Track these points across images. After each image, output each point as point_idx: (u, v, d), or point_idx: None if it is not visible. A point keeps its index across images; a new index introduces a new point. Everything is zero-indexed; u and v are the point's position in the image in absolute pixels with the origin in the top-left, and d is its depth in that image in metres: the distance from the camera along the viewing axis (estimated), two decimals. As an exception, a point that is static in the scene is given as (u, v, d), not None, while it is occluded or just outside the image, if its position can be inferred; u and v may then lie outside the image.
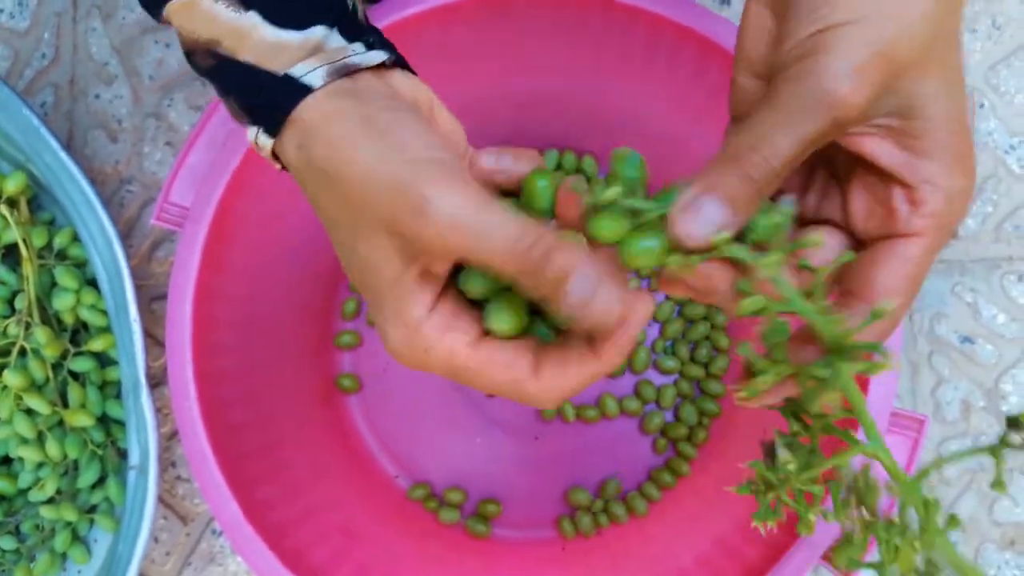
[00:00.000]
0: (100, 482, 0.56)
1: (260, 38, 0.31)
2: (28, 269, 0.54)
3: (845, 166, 0.30)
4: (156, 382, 0.61)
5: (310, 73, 0.30)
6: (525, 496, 0.59)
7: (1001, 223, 0.61)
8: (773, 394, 0.29)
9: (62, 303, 0.54)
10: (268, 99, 0.30)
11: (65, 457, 0.55)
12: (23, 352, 0.54)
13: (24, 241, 0.54)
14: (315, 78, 0.30)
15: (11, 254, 0.58)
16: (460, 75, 0.51)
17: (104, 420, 0.56)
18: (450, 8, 0.48)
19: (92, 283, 0.56)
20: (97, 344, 0.55)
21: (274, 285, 0.55)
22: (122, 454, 0.57)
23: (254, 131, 0.31)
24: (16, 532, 0.57)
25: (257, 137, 0.31)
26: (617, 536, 0.57)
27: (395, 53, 0.32)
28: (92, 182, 0.52)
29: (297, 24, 0.31)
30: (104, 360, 0.57)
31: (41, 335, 0.53)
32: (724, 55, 0.47)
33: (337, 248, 0.31)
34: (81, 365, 0.55)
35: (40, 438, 0.54)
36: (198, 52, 0.32)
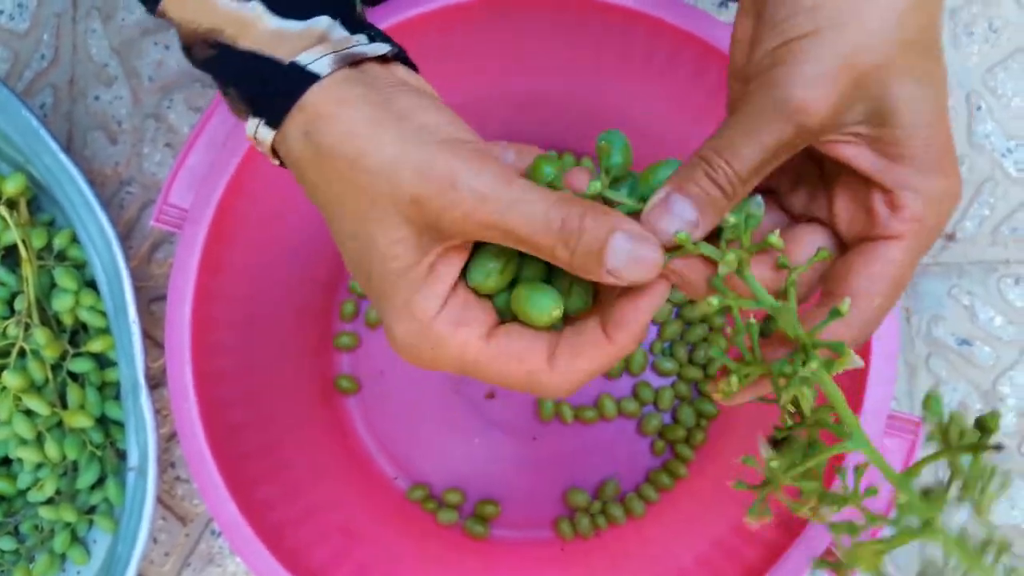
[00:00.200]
0: (99, 483, 0.56)
1: (263, 27, 0.30)
2: (27, 270, 0.54)
3: (831, 167, 0.30)
4: (155, 383, 0.61)
5: (317, 61, 0.29)
6: (523, 497, 0.59)
7: (998, 226, 0.61)
8: (746, 393, 0.30)
9: (61, 304, 0.54)
10: (273, 88, 0.30)
11: (64, 458, 0.55)
12: (22, 353, 0.54)
13: (24, 242, 0.54)
14: (322, 66, 0.29)
15: (11, 255, 0.58)
16: (460, 75, 0.51)
17: (103, 421, 0.56)
18: (450, 9, 0.48)
19: (91, 284, 0.56)
20: (96, 345, 0.55)
21: (273, 286, 0.55)
22: (121, 455, 0.57)
23: (254, 124, 0.31)
24: (15, 533, 0.57)
25: (257, 130, 0.30)
26: (616, 537, 0.57)
27: (397, 47, 0.32)
28: (91, 183, 0.52)
29: (300, 14, 0.30)
30: (103, 361, 0.57)
31: (40, 336, 0.53)
32: (723, 57, 0.47)
33: (340, 240, 0.30)
34: (80, 366, 0.55)
35: (39, 439, 0.54)
36: (197, 43, 0.31)
